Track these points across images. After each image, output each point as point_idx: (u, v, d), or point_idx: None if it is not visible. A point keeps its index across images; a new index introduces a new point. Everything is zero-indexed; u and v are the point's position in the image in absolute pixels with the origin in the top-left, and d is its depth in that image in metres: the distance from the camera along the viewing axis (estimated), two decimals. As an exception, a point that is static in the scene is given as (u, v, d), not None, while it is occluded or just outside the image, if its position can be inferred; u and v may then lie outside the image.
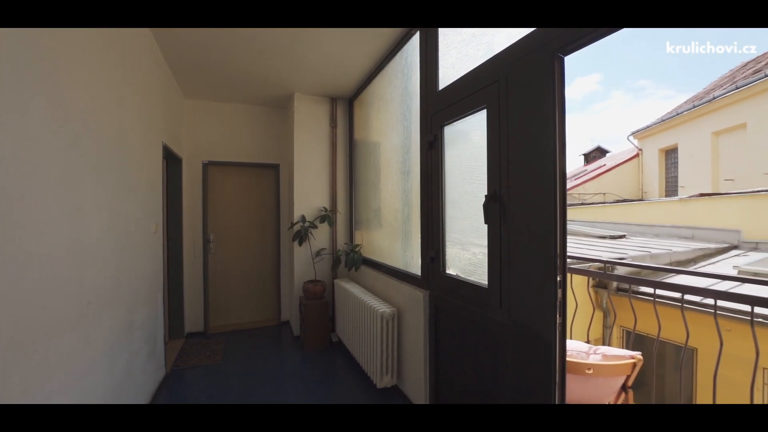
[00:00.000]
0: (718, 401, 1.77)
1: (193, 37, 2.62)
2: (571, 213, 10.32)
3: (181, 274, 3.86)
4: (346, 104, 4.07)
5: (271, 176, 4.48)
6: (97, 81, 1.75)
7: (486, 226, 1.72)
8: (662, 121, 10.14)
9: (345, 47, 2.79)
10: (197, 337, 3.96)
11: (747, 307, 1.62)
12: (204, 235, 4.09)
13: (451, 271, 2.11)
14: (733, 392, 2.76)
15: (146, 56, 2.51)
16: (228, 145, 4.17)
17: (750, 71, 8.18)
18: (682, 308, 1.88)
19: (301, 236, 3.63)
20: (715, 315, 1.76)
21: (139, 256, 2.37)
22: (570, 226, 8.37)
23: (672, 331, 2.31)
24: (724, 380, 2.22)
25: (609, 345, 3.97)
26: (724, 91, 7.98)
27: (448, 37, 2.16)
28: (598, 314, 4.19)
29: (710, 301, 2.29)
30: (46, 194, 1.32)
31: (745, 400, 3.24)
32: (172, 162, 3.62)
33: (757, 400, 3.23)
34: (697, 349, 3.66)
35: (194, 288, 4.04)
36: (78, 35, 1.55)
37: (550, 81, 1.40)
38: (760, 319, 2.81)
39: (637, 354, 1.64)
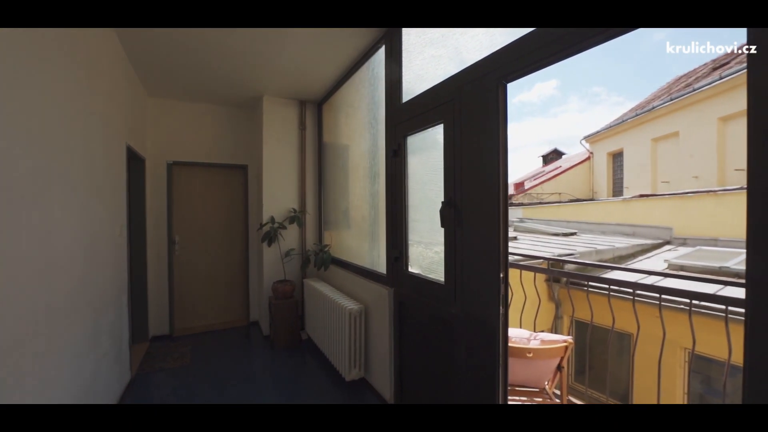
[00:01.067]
0: (646, 377, 2.08)
1: (158, 37, 2.61)
2: (529, 212, 10.97)
3: (145, 277, 3.79)
4: (316, 108, 4.16)
5: (240, 177, 4.47)
6: (65, 83, 1.75)
7: (443, 229, 1.92)
8: (610, 127, 11.02)
9: (313, 54, 2.89)
10: (163, 340, 3.91)
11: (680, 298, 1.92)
12: (169, 236, 4.02)
13: (413, 269, 2.30)
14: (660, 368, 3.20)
15: (110, 56, 2.48)
16: (194, 145, 4.13)
17: (683, 85, 9.11)
18: (609, 298, 2.19)
19: (270, 237, 3.69)
20: (633, 303, 2.08)
21: (105, 259, 2.36)
22: (528, 224, 8.92)
23: (611, 319, 2.64)
24: (654, 359, 2.58)
25: (560, 333, 4.37)
26: (662, 102, 8.84)
27: (411, 54, 2.34)
28: (552, 305, 4.59)
29: (644, 292, 2.64)
30: (17, 199, 1.35)
31: (669, 377, 3.71)
32: (134, 162, 3.55)
33: (672, 373, 3.70)
34: (632, 334, 4.13)
35: (159, 290, 3.97)
36: (47, 35, 1.57)
37: (495, 103, 1.61)
38: (683, 306, 3.26)
39: (569, 338, 1.91)
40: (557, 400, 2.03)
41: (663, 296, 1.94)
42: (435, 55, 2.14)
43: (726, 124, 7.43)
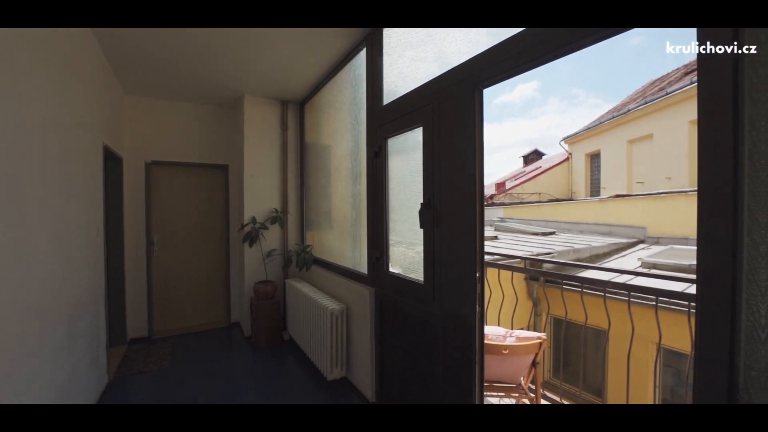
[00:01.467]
0: (621, 372, 2.17)
1: (136, 36, 2.56)
2: (510, 211, 11.19)
3: (123, 278, 3.70)
4: (297, 108, 4.14)
5: (220, 177, 4.41)
6: (40, 82, 1.71)
7: (422, 230, 1.95)
8: (588, 128, 11.35)
9: (295, 55, 2.88)
10: (141, 342, 3.83)
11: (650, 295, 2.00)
12: (147, 237, 3.94)
13: (394, 269, 2.33)
14: (633, 363, 3.35)
15: (87, 55, 2.42)
16: (173, 144, 4.05)
17: (656, 89, 9.46)
18: (581, 296, 2.28)
19: (252, 237, 3.66)
20: (604, 300, 2.17)
21: (82, 261, 2.30)
22: (508, 224, 9.10)
23: (590, 317, 2.74)
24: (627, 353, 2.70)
25: (539, 330, 4.50)
26: (637, 105, 9.17)
27: (392, 56, 2.37)
28: (530, 303, 4.70)
29: (614, 290, 2.75)
30: (-15, 204, 1.31)
31: (642, 371, 3.86)
32: (111, 162, 3.45)
33: (645, 368, 3.86)
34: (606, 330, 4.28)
35: (137, 292, 3.88)
36: (22, 35, 1.53)
37: (472, 108, 1.66)
38: (654, 303, 3.40)
39: (543, 335, 1.99)
40: (532, 395, 2.10)
41: (632, 293, 2.04)
42: (416, 57, 2.18)
43: (697, 127, 7.76)
